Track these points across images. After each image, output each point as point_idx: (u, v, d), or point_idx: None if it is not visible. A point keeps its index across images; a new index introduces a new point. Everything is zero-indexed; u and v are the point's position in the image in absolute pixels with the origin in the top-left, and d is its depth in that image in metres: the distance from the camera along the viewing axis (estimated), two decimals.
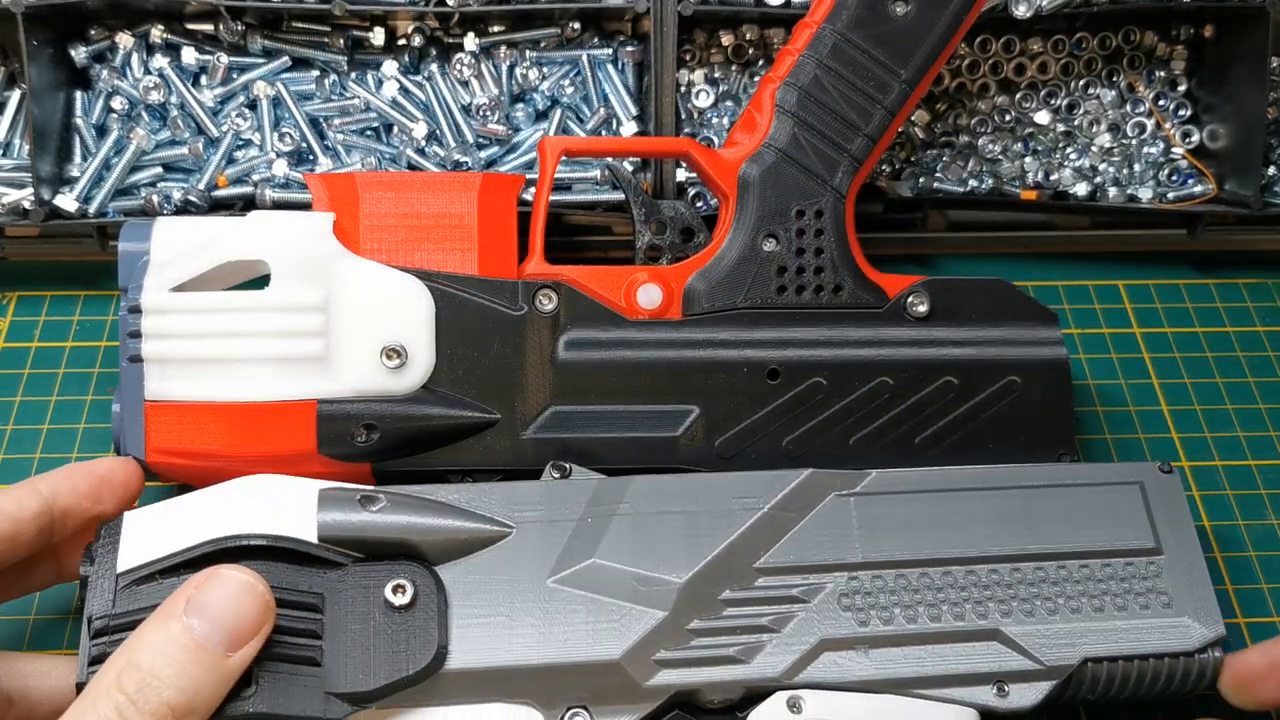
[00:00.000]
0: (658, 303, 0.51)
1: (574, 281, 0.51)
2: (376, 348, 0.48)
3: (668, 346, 0.51)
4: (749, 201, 0.51)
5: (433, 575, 0.43)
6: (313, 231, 0.49)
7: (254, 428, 0.48)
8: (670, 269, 0.52)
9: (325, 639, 0.41)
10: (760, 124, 0.52)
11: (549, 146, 0.52)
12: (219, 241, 0.48)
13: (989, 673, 0.45)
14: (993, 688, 0.45)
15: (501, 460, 0.50)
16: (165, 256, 0.49)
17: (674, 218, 0.54)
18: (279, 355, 0.48)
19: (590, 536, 0.45)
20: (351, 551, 0.43)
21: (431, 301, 0.49)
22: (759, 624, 0.45)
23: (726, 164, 0.52)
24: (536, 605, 0.44)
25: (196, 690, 0.36)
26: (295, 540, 0.42)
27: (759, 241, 0.51)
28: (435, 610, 0.42)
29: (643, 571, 0.45)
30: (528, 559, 0.44)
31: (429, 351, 0.49)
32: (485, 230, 0.51)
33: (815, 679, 0.44)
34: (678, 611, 0.44)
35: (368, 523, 0.43)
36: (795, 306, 0.52)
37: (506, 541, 0.45)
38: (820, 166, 0.52)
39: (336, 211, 0.50)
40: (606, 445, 0.50)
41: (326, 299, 0.48)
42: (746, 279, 0.51)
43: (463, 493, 0.45)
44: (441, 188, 0.51)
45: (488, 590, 0.44)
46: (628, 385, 0.50)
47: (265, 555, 0.41)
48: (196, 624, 0.37)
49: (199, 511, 0.42)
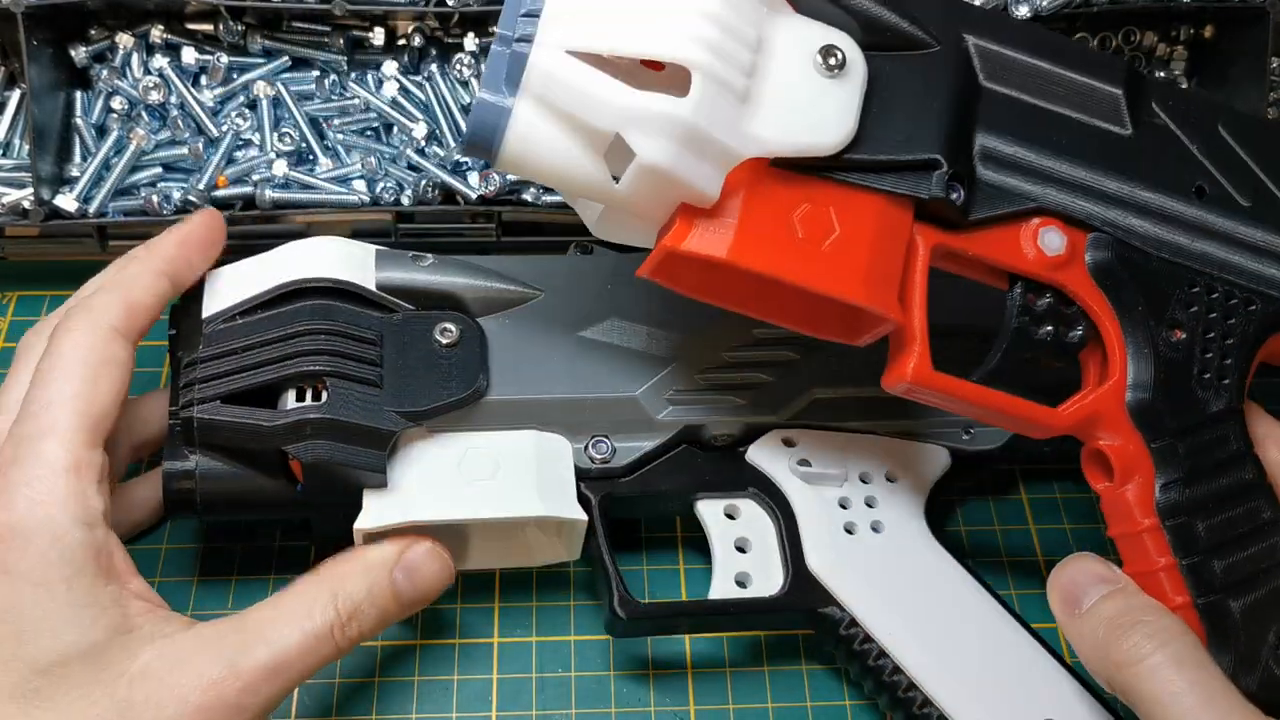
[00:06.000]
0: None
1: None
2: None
3: None
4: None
5: (474, 323, 0.50)
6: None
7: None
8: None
9: (384, 367, 0.47)
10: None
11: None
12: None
13: (957, 419, 0.52)
14: (960, 431, 0.53)
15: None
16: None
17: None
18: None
19: (610, 299, 0.51)
20: (404, 303, 0.49)
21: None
22: (757, 373, 0.51)
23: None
24: (564, 350, 0.50)
25: (381, 628, 0.45)
26: (358, 286, 0.48)
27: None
28: (477, 350, 0.49)
29: (656, 327, 0.50)
30: (557, 315, 0.50)
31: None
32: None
33: (806, 421, 0.51)
34: (687, 361, 0.50)
35: (417, 276, 0.49)
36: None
37: (537, 302, 0.51)
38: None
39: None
40: None
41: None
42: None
43: (498, 261, 0.51)
44: None
45: (522, 337, 0.50)
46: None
47: (331, 296, 0.48)
48: (401, 579, 0.45)
49: (270, 265, 0.49)
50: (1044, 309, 0.44)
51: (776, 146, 0.40)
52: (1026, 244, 0.44)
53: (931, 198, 0.42)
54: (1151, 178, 0.45)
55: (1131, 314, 0.44)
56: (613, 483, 0.50)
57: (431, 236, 0.59)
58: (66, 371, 0.43)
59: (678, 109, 0.39)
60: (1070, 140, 0.45)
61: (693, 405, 0.50)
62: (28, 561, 0.40)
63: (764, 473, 0.50)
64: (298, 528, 0.53)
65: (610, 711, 0.50)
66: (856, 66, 0.41)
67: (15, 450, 0.42)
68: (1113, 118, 0.46)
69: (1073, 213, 0.44)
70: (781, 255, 0.41)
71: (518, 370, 0.49)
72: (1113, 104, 0.45)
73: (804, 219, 0.41)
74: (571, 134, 0.40)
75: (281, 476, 0.47)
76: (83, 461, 0.42)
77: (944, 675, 0.46)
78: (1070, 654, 0.51)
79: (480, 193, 0.58)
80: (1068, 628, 0.43)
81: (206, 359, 0.47)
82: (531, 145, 0.41)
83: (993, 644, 0.48)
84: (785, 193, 0.41)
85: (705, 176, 0.40)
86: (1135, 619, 0.41)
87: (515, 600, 0.53)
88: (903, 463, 0.51)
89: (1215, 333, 0.45)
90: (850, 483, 0.50)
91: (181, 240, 0.48)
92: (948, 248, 0.43)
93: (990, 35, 0.44)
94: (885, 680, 0.47)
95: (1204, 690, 0.39)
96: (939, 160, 0.42)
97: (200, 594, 0.52)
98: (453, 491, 0.47)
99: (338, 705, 0.50)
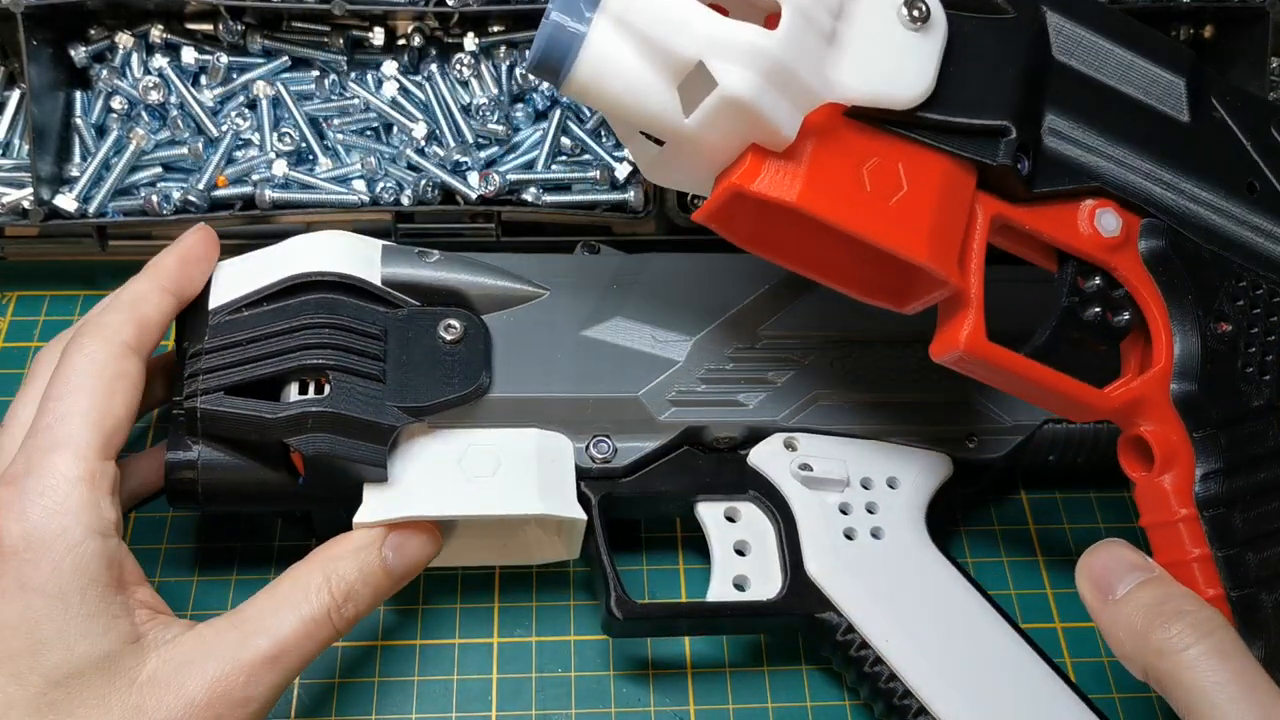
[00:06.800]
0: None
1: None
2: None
3: None
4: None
5: (479, 320, 0.50)
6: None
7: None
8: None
9: (388, 362, 0.47)
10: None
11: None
12: None
13: (961, 427, 0.52)
14: (964, 439, 0.52)
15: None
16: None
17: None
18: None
19: (616, 299, 0.51)
20: (409, 298, 0.49)
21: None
22: (760, 376, 0.51)
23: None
24: (568, 350, 0.50)
25: (376, 604, 0.46)
26: (363, 280, 0.49)
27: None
28: (480, 347, 0.49)
29: (661, 329, 0.51)
30: (561, 314, 0.51)
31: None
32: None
33: (808, 425, 0.51)
34: (690, 362, 0.50)
35: (423, 272, 0.50)
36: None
37: (542, 300, 0.51)
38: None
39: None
40: None
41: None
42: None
43: (504, 259, 0.52)
44: None
45: (526, 335, 0.50)
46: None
47: (337, 290, 0.48)
48: (391, 555, 0.46)
49: (276, 258, 0.49)
50: (1092, 291, 0.44)
51: (856, 94, 0.40)
52: (1083, 223, 0.44)
53: (999, 165, 0.42)
54: (1207, 170, 0.45)
55: (1181, 302, 0.44)
56: (613, 483, 0.50)
57: (431, 236, 0.59)
58: (81, 386, 0.44)
59: (767, 41, 0.38)
60: (1134, 124, 0.45)
61: (695, 407, 0.50)
62: (42, 574, 0.41)
63: (765, 476, 0.50)
64: (299, 520, 0.53)
65: (610, 711, 0.50)
66: (939, 22, 0.41)
67: (29, 462, 0.43)
68: (1174, 107, 0.46)
69: (1131, 196, 0.44)
70: (849, 206, 0.40)
71: (521, 368, 0.49)
72: (1175, 93, 0.46)
73: (873, 173, 0.40)
74: (649, 60, 0.39)
75: (283, 469, 0.47)
76: (96, 473, 0.43)
77: (939, 684, 0.46)
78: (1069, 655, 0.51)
79: (480, 193, 0.58)
80: (1099, 614, 0.43)
81: (211, 350, 0.47)
82: (604, 69, 0.39)
83: (990, 654, 0.47)
84: (857, 144, 0.40)
85: (784, 116, 0.39)
86: (1177, 608, 0.41)
87: (515, 600, 0.53)
88: (905, 469, 0.51)
89: (1259, 328, 0.45)
90: (851, 488, 0.50)
91: (182, 258, 0.49)
92: (1006, 219, 0.43)
93: (1066, 10, 0.44)
94: (881, 687, 0.47)
95: (1247, 681, 0.39)
96: (1009, 128, 0.42)
97: (200, 594, 0.52)
98: (453, 488, 0.47)
99: (338, 705, 0.50)
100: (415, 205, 0.59)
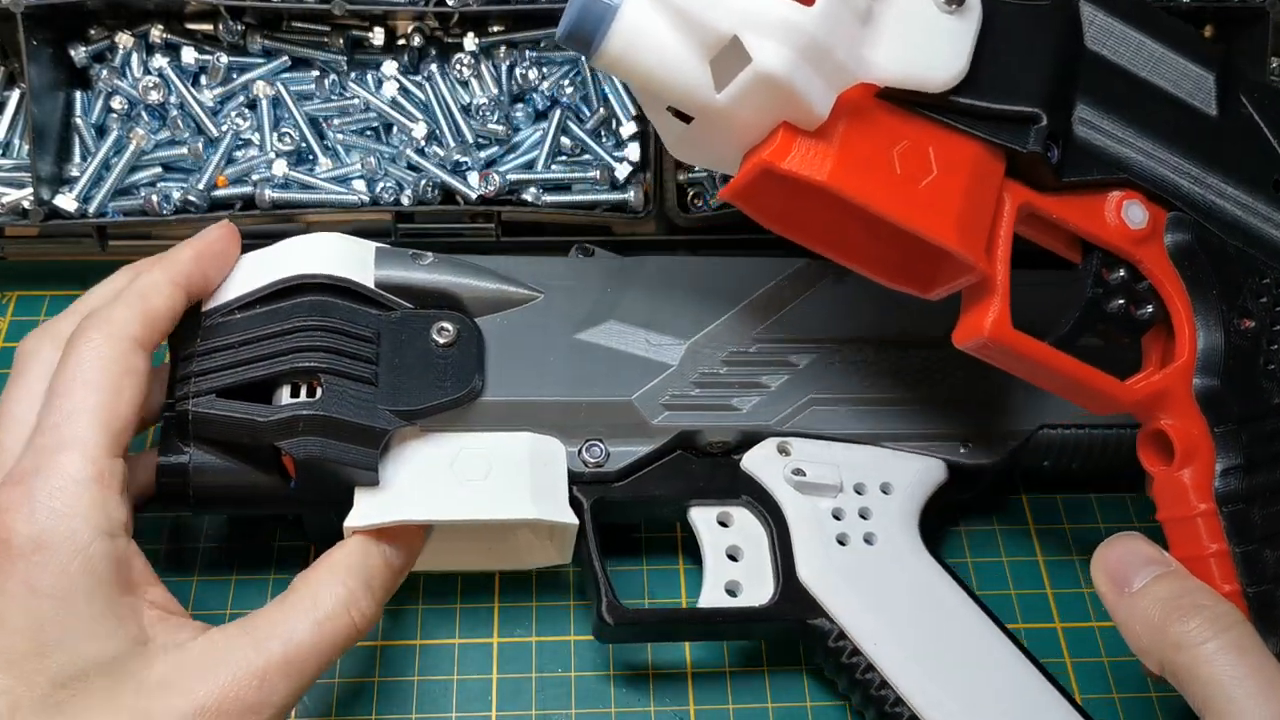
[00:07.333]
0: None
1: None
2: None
3: None
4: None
5: (472, 323, 0.50)
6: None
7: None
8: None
9: (380, 365, 0.47)
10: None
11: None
12: None
13: (955, 431, 0.51)
14: (958, 444, 0.51)
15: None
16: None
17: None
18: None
19: (610, 302, 0.51)
20: (403, 301, 0.49)
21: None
22: (754, 380, 0.51)
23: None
24: (561, 353, 0.50)
25: (384, 599, 0.45)
26: (356, 283, 0.49)
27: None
28: (474, 350, 0.49)
29: (655, 332, 0.51)
30: (555, 317, 0.51)
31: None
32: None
33: (802, 429, 0.51)
34: (684, 366, 0.50)
35: (416, 275, 0.50)
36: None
37: (536, 303, 0.51)
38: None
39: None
40: None
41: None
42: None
43: (498, 262, 0.51)
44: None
45: (519, 339, 0.50)
46: None
47: (329, 292, 0.48)
48: (389, 549, 0.45)
49: (269, 260, 0.49)
50: (1116, 283, 0.44)
51: (889, 75, 0.40)
52: (1110, 214, 0.44)
53: (1029, 152, 0.42)
54: (1234, 165, 0.45)
55: (1205, 296, 0.44)
56: (605, 487, 0.50)
57: (431, 236, 0.59)
58: (88, 382, 0.43)
59: (803, 17, 0.38)
60: (1163, 116, 0.45)
61: (688, 411, 0.50)
62: (50, 577, 0.41)
63: (758, 481, 0.50)
64: (292, 523, 0.53)
65: (610, 712, 0.50)
66: (974, 5, 0.41)
67: (37, 461, 0.42)
68: (1203, 101, 0.46)
69: (1159, 188, 0.44)
70: (880, 188, 0.40)
71: (514, 371, 0.49)
72: (1205, 88, 0.46)
73: (903, 155, 0.40)
74: (682, 33, 0.39)
75: (275, 472, 0.47)
76: (105, 472, 0.42)
77: (931, 691, 0.46)
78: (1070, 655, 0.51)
79: (480, 193, 0.58)
80: (1115, 607, 0.43)
81: (203, 352, 0.47)
82: (637, 42, 0.39)
83: (982, 662, 0.47)
84: (889, 125, 0.40)
85: (817, 93, 0.39)
86: (1194, 602, 0.41)
87: (515, 600, 0.53)
88: (898, 474, 0.51)
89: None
90: (844, 493, 0.50)
91: (198, 254, 0.48)
92: (1033, 207, 0.43)
93: (1099, 0, 0.44)
94: (872, 694, 0.47)
95: (1265, 676, 0.39)
96: (1040, 115, 0.42)
97: (200, 593, 0.52)
98: (445, 491, 0.47)
99: (338, 705, 0.50)
100: (415, 205, 0.59)
